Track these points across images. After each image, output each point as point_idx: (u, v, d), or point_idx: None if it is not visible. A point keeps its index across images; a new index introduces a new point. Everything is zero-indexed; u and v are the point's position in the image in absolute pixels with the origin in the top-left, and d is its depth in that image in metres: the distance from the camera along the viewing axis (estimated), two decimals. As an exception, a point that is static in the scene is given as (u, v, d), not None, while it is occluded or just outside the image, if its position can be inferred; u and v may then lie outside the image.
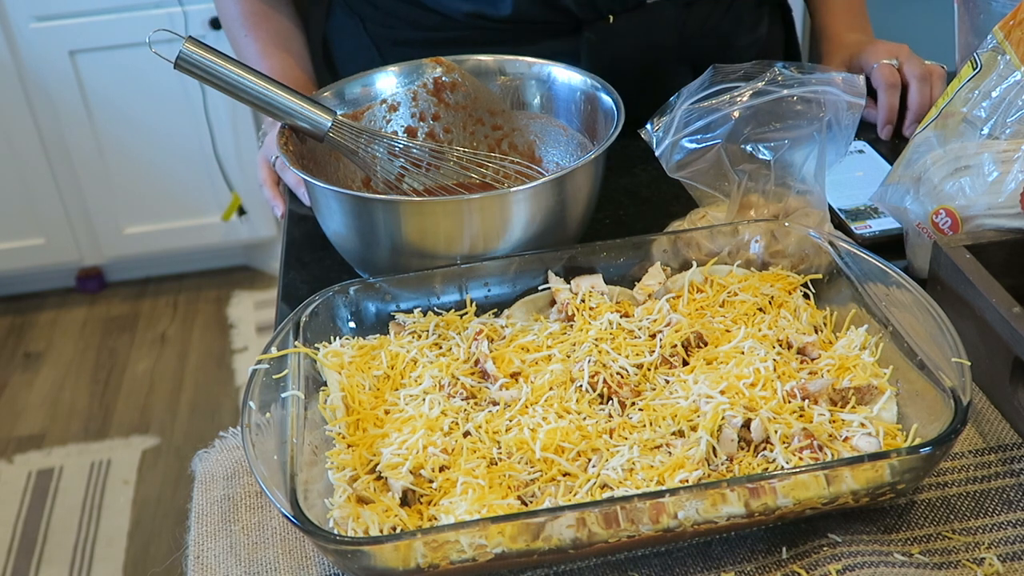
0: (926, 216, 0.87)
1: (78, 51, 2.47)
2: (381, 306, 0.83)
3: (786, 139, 0.87)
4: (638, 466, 0.68)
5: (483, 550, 0.62)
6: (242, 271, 2.96)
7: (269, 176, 1.12)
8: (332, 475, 0.68)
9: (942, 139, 0.88)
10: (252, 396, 0.70)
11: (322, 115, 0.91)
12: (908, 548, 0.67)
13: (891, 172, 0.93)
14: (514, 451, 0.70)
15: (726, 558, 0.68)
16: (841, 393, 0.73)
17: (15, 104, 2.51)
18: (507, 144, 1.07)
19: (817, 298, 0.83)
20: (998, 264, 0.79)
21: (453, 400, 0.75)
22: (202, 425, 2.40)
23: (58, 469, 2.29)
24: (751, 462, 0.69)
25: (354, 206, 0.87)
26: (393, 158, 1.00)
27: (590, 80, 1.00)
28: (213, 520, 0.73)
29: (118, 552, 2.08)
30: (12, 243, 2.72)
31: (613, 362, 0.76)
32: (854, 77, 0.87)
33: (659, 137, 0.89)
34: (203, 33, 2.42)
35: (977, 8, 1.06)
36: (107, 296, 2.90)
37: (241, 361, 2.60)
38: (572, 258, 0.85)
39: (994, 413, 0.77)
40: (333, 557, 0.64)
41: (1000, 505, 0.70)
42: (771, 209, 0.89)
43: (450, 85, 1.05)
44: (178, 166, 2.66)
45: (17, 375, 2.61)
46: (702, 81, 0.89)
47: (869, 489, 0.66)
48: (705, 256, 0.86)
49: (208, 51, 0.87)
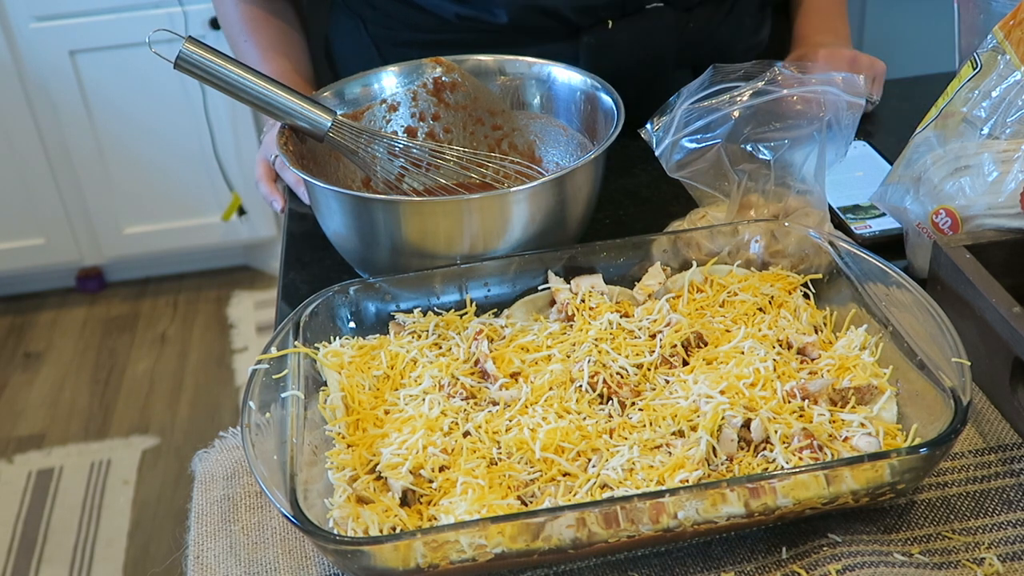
0: (926, 216, 0.87)
1: (78, 51, 2.46)
2: (381, 306, 0.83)
3: (786, 139, 0.87)
4: (638, 466, 0.68)
5: (483, 550, 0.62)
6: (242, 271, 2.96)
7: (266, 172, 1.12)
8: (332, 475, 0.68)
9: (942, 139, 0.88)
10: (252, 396, 0.70)
11: (322, 115, 0.91)
12: (908, 548, 0.67)
13: (891, 172, 0.93)
14: (514, 451, 0.70)
15: (726, 558, 0.68)
16: (841, 393, 0.73)
17: (15, 104, 2.51)
18: (507, 144, 1.07)
19: (817, 298, 0.83)
20: (998, 264, 0.79)
21: (453, 400, 0.75)
22: (202, 425, 2.40)
23: (58, 469, 2.29)
24: (751, 462, 0.69)
25: (354, 206, 0.87)
26: (393, 158, 1.00)
27: (590, 80, 1.00)
28: (213, 520, 0.73)
29: (118, 552, 2.08)
30: (12, 243, 2.72)
31: (613, 362, 0.76)
32: (854, 77, 0.87)
33: (659, 137, 0.89)
34: (203, 33, 2.42)
35: (977, 8, 1.06)
36: (107, 296, 2.90)
37: (241, 361, 2.60)
38: (572, 258, 0.85)
39: (994, 413, 0.77)
40: (333, 557, 0.64)
41: (1000, 505, 0.70)
42: (771, 209, 0.89)
43: (450, 85, 1.05)
44: (178, 166, 2.66)
45: (17, 375, 2.61)
46: (702, 81, 0.89)
47: (869, 489, 0.66)
48: (705, 256, 0.86)
49: (208, 51, 0.87)
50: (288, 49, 1.21)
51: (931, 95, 1.28)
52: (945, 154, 0.87)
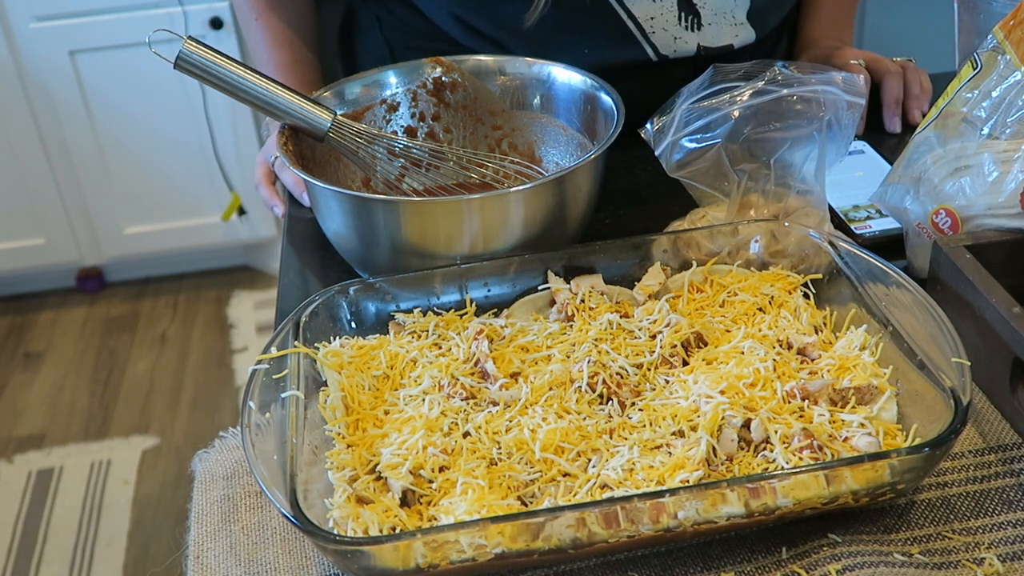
0: (926, 216, 0.87)
1: (78, 51, 2.47)
2: (381, 306, 0.83)
3: (786, 139, 0.86)
4: (638, 466, 0.68)
5: (483, 550, 0.62)
6: (242, 271, 2.96)
7: (265, 176, 1.12)
8: (332, 475, 0.68)
9: (942, 139, 0.88)
10: (252, 396, 0.70)
11: (322, 115, 0.91)
12: (908, 548, 0.67)
13: (891, 172, 0.93)
14: (514, 451, 0.70)
15: (726, 558, 0.68)
16: (841, 393, 0.73)
17: (15, 104, 2.51)
18: (507, 144, 1.07)
19: (817, 298, 0.83)
20: (998, 264, 0.79)
21: (453, 400, 0.74)
22: (202, 425, 2.40)
23: (58, 469, 2.29)
24: (751, 462, 0.69)
25: (354, 206, 0.87)
26: (393, 158, 1.00)
27: (590, 80, 1.00)
28: (213, 520, 0.73)
29: (118, 552, 2.08)
30: (12, 243, 2.72)
31: (613, 362, 0.76)
32: (854, 77, 0.87)
33: (659, 137, 0.88)
34: (203, 33, 2.42)
35: (977, 8, 1.06)
36: (107, 296, 2.90)
37: (241, 361, 2.60)
38: (572, 258, 0.85)
39: (994, 413, 0.77)
40: (333, 557, 0.64)
41: (1000, 505, 0.70)
42: (771, 209, 0.89)
43: (450, 85, 1.05)
44: (178, 166, 2.66)
45: (17, 375, 2.61)
46: (702, 81, 0.89)
47: (869, 489, 0.66)
48: (705, 256, 0.86)
49: (208, 51, 0.87)
50: (302, 32, 1.21)
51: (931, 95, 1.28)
52: (945, 154, 0.87)
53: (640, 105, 0.97)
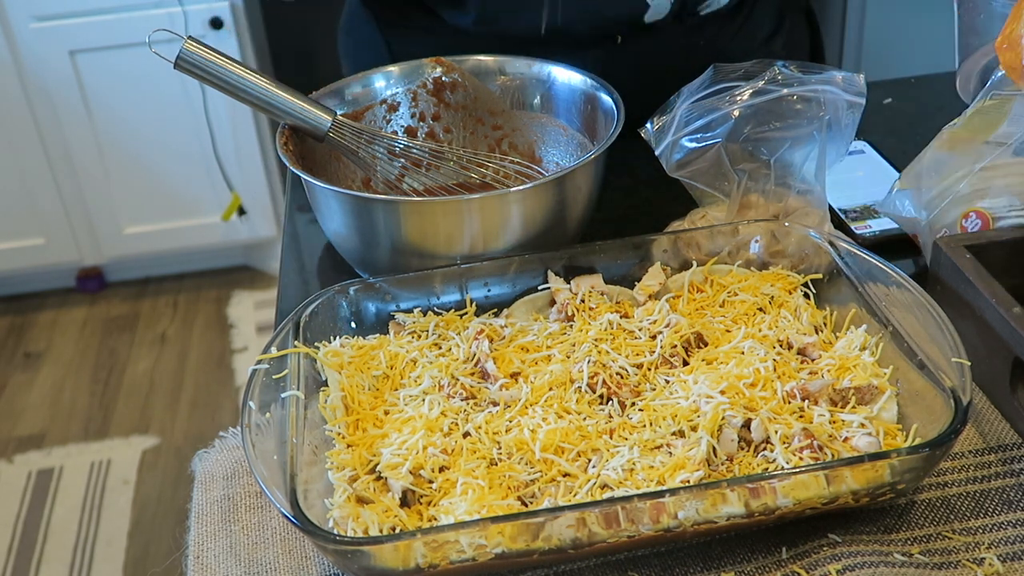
0: (954, 223, 0.86)
1: (78, 51, 2.47)
2: (381, 306, 0.83)
3: (786, 139, 0.86)
4: (638, 466, 0.68)
5: (483, 550, 0.62)
6: (242, 271, 2.96)
7: None
8: (332, 475, 0.68)
9: (955, 155, 0.88)
10: (252, 396, 0.70)
11: (322, 115, 0.91)
12: (908, 548, 0.67)
13: (900, 179, 0.92)
14: (514, 451, 0.70)
15: (726, 558, 0.68)
16: (841, 393, 0.73)
17: (15, 104, 2.51)
18: (507, 144, 1.07)
19: (817, 298, 0.83)
20: (998, 264, 0.79)
21: (453, 400, 0.74)
22: (202, 425, 2.40)
23: (58, 469, 2.29)
24: (751, 462, 0.69)
25: (354, 206, 0.87)
26: (393, 158, 1.00)
27: (590, 80, 1.00)
28: (213, 520, 0.73)
29: (118, 552, 2.08)
30: (12, 243, 2.72)
31: (613, 362, 0.76)
32: (854, 76, 0.87)
33: (659, 136, 0.88)
34: (203, 33, 2.42)
35: (977, 8, 1.06)
36: (107, 296, 2.90)
37: (241, 361, 2.60)
38: (572, 258, 0.85)
39: (994, 413, 0.77)
40: (333, 557, 0.64)
41: (1000, 505, 0.70)
42: (771, 209, 0.89)
43: (450, 85, 1.05)
44: (178, 166, 2.66)
45: (17, 375, 2.61)
46: (702, 80, 0.89)
47: (869, 489, 0.66)
48: (705, 256, 0.86)
49: (208, 51, 0.87)
50: None
51: (931, 95, 1.28)
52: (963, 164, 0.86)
53: (640, 105, 0.96)
